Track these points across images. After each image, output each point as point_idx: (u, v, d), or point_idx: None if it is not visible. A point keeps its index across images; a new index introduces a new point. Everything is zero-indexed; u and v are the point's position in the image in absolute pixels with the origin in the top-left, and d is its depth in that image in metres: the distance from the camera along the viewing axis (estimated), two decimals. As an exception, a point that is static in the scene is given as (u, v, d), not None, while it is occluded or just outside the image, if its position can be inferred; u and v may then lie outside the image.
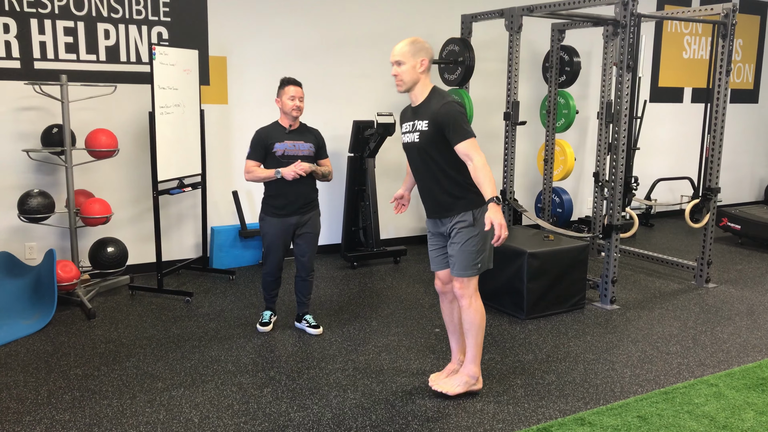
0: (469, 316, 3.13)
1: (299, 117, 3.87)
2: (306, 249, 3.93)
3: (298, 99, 3.80)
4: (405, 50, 2.98)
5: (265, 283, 4.07)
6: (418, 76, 3.00)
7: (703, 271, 5.16)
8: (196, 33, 5.20)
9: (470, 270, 3.07)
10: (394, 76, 3.03)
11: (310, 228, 3.91)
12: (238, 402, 3.15)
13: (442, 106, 2.95)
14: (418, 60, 2.98)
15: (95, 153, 4.59)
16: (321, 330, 4.04)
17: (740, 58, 8.34)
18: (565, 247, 4.44)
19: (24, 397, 3.17)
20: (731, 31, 4.84)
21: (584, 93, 7.05)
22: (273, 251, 3.92)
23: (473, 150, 2.90)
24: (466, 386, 3.19)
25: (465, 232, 3.04)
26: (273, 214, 3.86)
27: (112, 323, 4.18)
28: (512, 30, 4.96)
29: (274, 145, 3.81)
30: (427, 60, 3.01)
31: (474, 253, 3.05)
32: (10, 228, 4.77)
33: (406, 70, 2.98)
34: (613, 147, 4.52)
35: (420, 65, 2.98)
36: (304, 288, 4.04)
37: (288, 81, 3.83)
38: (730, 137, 8.06)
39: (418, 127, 3.02)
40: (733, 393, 3.27)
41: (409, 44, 2.99)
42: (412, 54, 2.97)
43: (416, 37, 3.03)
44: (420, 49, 2.99)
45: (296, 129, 3.88)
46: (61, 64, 4.77)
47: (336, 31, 5.76)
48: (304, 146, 3.86)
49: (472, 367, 3.20)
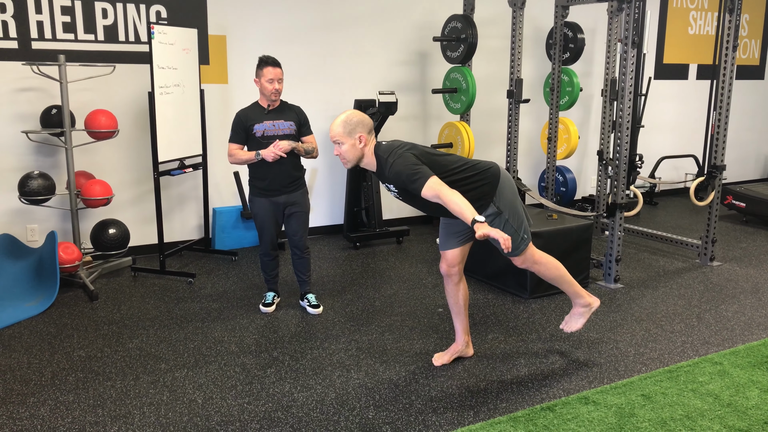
0: (550, 274, 3.19)
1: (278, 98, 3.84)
2: (297, 227, 3.94)
3: (277, 81, 3.74)
4: (339, 131, 2.95)
5: (263, 263, 4.07)
6: (360, 151, 2.98)
7: (707, 250, 5.13)
8: (195, 11, 5.14)
9: (521, 246, 3.08)
10: (337, 155, 3.01)
11: (298, 207, 3.91)
12: (241, 382, 3.15)
13: (390, 169, 2.91)
14: (355, 137, 2.95)
15: (95, 134, 4.55)
16: (321, 309, 4.05)
17: (746, 34, 8.23)
18: (569, 226, 4.41)
19: (28, 378, 3.18)
20: (738, 6, 4.76)
21: (588, 70, 6.98)
22: (265, 230, 3.93)
23: (435, 190, 2.82)
24: (585, 315, 3.32)
25: (496, 223, 3.01)
26: (260, 194, 3.86)
27: (114, 305, 4.18)
28: (515, 6, 4.88)
29: (253, 126, 3.77)
30: (365, 135, 2.96)
31: (515, 232, 3.04)
32: (11, 210, 4.76)
33: (347, 150, 2.97)
34: (618, 125, 4.47)
35: (359, 141, 2.96)
36: (302, 265, 4.05)
37: (266, 61, 3.74)
38: (736, 114, 7.97)
39: (392, 188, 3.04)
40: (738, 371, 3.26)
41: (342, 124, 2.95)
42: (348, 134, 2.94)
43: (349, 114, 2.98)
44: (355, 126, 2.95)
45: (276, 108, 3.84)
46: (59, 44, 4.72)
47: (336, 9, 5.68)
48: (284, 125, 3.82)
49: (580, 299, 3.29)
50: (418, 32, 6.06)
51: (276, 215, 3.90)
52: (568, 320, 3.38)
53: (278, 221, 3.94)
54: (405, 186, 2.91)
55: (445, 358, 3.36)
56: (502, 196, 3.05)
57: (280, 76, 3.76)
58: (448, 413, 2.88)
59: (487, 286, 4.56)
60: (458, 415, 2.86)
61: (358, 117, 2.99)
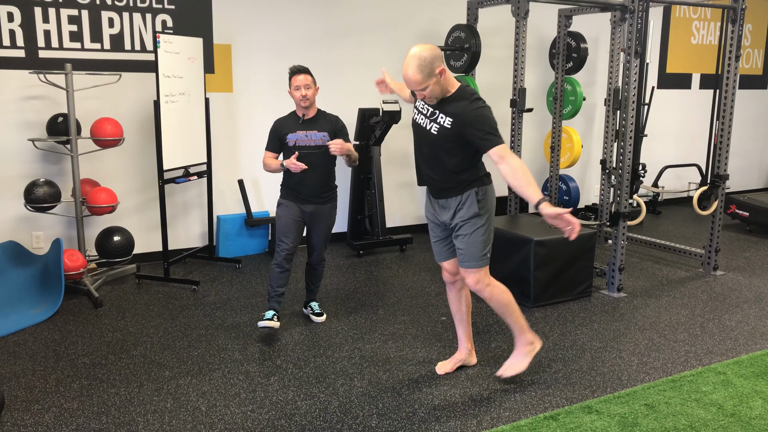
0: (496, 301, 3.13)
1: (311, 106, 3.79)
2: (318, 241, 3.92)
3: (304, 88, 3.71)
4: (419, 78, 2.78)
5: (273, 275, 3.82)
6: (443, 84, 2.85)
7: (710, 259, 5.13)
8: (200, 21, 5.18)
9: (480, 261, 3.05)
10: (424, 99, 2.90)
11: (325, 220, 3.88)
12: (245, 390, 3.16)
13: (473, 110, 2.83)
14: (435, 73, 2.79)
15: (101, 142, 4.58)
16: (324, 318, 4.04)
17: (749, 44, 8.25)
18: (572, 235, 4.41)
19: (32, 385, 3.19)
20: (741, 16, 4.78)
21: (591, 79, 6.99)
22: (285, 235, 3.77)
23: (506, 152, 2.79)
24: (529, 355, 3.23)
25: (471, 223, 3.01)
26: (291, 198, 3.82)
27: (119, 312, 4.19)
28: (519, 16, 4.91)
29: (287, 136, 3.78)
30: (442, 64, 2.82)
31: (482, 243, 3.03)
32: (16, 217, 4.78)
33: (432, 89, 2.83)
34: (621, 134, 4.49)
35: (440, 74, 2.81)
36: (314, 276, 4.05)
37: (294, 71, 3.76)
38: (739, 124, 7.98)
39: (440, 121, 2.90)
40: (741, 381, 3.26)
41: (419, 69, 2.77)
42: (428, 75, 2.78)
43: (416, 54, 2.77)
44: (431, 63, 2.77)
45: (311, 118, 3.82)
46: (65, 52, 4.76)
47: (341, 18, 5.72)
48: (317, 135, 3.78)
49: (524, 336, 3.22)
50: (422, 41, 6.05)
51: (300, 223, 3.84)
52: (509, 363, 3.24)
53: (301, 229, 3.86)
54: (475, 133, 2.80)
55: (448, 366, 3.36)
56: (488, 198, 3.03)
57: (308, 82, 3.71)
58: (451, 422, 2.88)
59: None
60: (461, 424, 2.86)
61: (428, 53, 2.78)
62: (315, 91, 3.76)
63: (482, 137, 2.82)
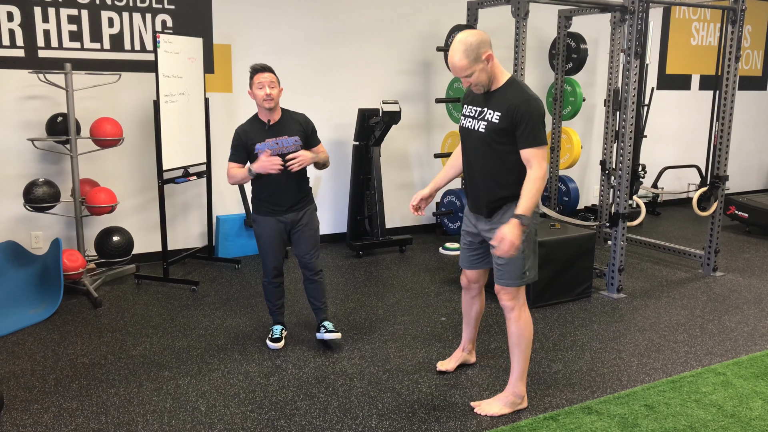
0: (519, 329, 2.91)
1: (275, 108, 3.39)
2: (306, 247, 3.54)
3: (268, 86, 3.31)
4: (464, 63, 2.69)
5: (267, 291, 3.65)
6: (490, 70, 2.74)
7: (710, 260, 5.13)
8: (200, 21, 5.17)
9: (519, 280, 2.87)
10: (470, 85, 2.77)
11: (307, 225, 3.53)
12: (244, 390, 3.15)
13: (523, 102, 2.69)
14: (482, 59, 2.70)
15: (100, 142, 4.58)
16: (339, 335, 3.65)
17: (749, 45, 8.25)
18: (572, 236, 4.42)
19: (31, 385, 3.19)
20: (741, 17, 4.78)
21: (591, 80, 7.00)
22: (270, 252, 3.53)
23: (538, 159, 2.68)
24: (512, 406, 2.95)
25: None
26: (266, 212, 3.48)
27: (118, 312, 4.19)
28: (518, 17, 4.90)
29: (254, 146, 3.39)
30: (490, 50, 2.71)
31: (522, 260, 2.83)
32: (15, 217, 4.78)
33: (478, 76, 2.72)
34: (620, 135, 4.49)
35: (487, 61, 2.71)
36: (315, 290, 3.65)
37: (256, 68, 3.36)
38: (738, 125, 7.98)
39: (487, 117, 2.77)
40: (741, 382, 3.26)
41: (464, 54, 2.67)
42: (474, 60, 2.68)
43: (463, 39, 2.68)
44: (477, 48, 2.68)
45: (278, 122, 3.42)
46: (65, 52, 4.75)
47: (341, 19, 5.72)
48: (289, 141, 3.41)
49: (519, 386, 2.96)
50: (422, 42, 6.09)
51: (282, 235, 3.52)
52: (488, 403, 2.98)
53: (284, 242, 3.56)
54: (520, 125, 2.68)
55: (449, 364, 3.37)
56: (532, 220, 2.79)
57: (272, 80, 3.33)
58: (451, 422, 2.87)
59: (490, 295, 4.54)
60: (461, 425, 2.85)
61: (474, 37, 2.69)
62: (279, 92, 3.38)
63: (521, 133, 2.70)
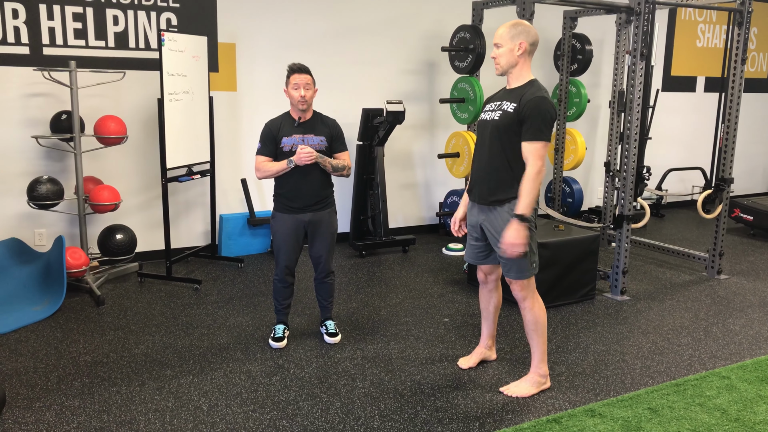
0: (534, 316, 3.07)
1: (308, 108, 3.51)
2: (321, 249, 3.60)
3: (303, 87, 3.42)
4: (503, 33, 2.91)
5: (276, 289, 3.68)
6: (515, 59, 2.92)
7: (714, 263, 5.11)
8: (205, 19, 5.17)
9: (528, 271, 3.00)
10: (493, 58, 2.97)
11: (325, 226, 3.57)
12: (246, 390, 3.15)
13: (535, 98, 2.85)
14: (516, 43, 2.90)
15: (104, 140, 4.58)
16: (339, 338, 3.75)
17: (755, 47, 8.22)
18: (576, 238, 4.40)
19: (34, 383, 3.19)
20: (747, 19, 4.76)
21: (596, 82, 6.98)
22: (284, 251, 3.57)
23: (535, 155, 2.83)
24: (538, 386, 3.14)
25: None
26: (285, 210, 3.53)
27: (121, 310, 4.19)
28: (524, 17, 4.89)
29: (282, 139, 3.48)
30: (527, 43, 2.90)
31: (532, 253, 2.97)
32: (19, 214, 4.78)
33: (503, 53, 2.92)
34: (625, 136, 4.47)
35: (518, 48, 2.90)
36: (324, 291, 3.74)
37: (294, 68, 3.46)
38: (744, 127, 7.96)
39: (504, 107, 2.94)
40: (746, 385, 3.24)
41: (510, 27, 2.91)
42: (510, 37, 2.90)
43: (520, 20, 2.95)
44: (520, 33, 2.90)
45: (307, 120, 3.53)
46: (69, 50, 4.75)
47: (346, 18, 5.71)
48: (314, 140, 3.51)
49: (542, 366, 3.14)
50: (427, 42, 6.08)
51: (298, 234, 3.55)
52: (516, 385, 3.16)
53: (299, 241, 3.58)
54: (526, 118, 2.84)
55: (471, 361, 3.40)
56: (535, 214, 3.00)
57: (308, 81, 3.43)
58: (453, 424, 2.86)
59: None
60: (463, 426, 2.84)
61: (523, 25, 2.92)
62: (314, 93, 3.47)
63: (527, 128, 2.85)
